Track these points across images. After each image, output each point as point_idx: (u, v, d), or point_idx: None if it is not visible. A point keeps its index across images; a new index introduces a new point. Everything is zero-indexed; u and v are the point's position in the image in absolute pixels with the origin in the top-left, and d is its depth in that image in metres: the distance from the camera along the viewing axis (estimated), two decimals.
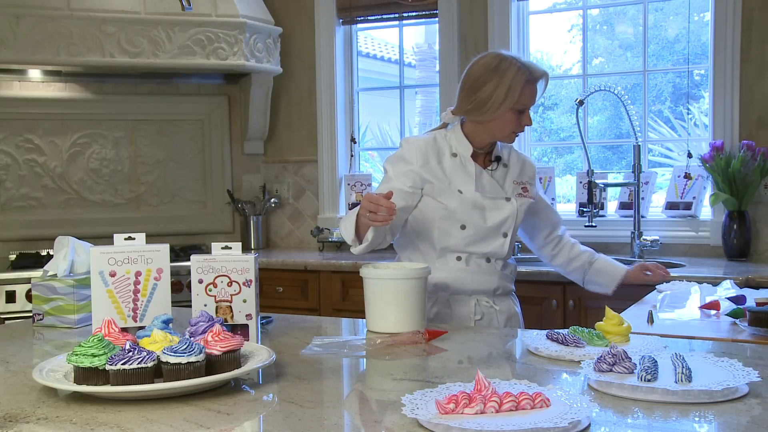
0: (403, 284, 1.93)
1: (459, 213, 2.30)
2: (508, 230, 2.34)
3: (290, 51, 4.46)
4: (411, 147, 2.34)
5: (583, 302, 3.13)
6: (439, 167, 2.32)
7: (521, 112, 2.28)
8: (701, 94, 3.86)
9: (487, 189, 2.34)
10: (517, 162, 2.43)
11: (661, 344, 1.63)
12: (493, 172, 2.37)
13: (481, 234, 2.32)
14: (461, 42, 4.02)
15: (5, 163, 4.06)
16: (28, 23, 3.67)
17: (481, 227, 2.31)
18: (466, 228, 2.31)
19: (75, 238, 2.21)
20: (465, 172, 2.33)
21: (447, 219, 2.31)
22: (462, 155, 2.35)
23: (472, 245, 2.32)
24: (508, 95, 2.25)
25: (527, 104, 2.28)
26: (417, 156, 2.32)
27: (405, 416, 1.18)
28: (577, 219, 3.73)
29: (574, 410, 1.17)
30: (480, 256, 2.33)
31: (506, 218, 2.33)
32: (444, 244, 2.32)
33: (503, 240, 2.34)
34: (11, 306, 3.48)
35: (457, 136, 2.36)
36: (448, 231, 2.31)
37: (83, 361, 1.37)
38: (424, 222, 2.35)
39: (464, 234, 2.31)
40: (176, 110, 4.38)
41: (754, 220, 3.43)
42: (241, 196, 4.50)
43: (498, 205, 2.34)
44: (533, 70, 2.27)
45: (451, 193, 2.30)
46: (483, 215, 2.32)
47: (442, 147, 2.36)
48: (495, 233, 2.33)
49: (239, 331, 1.71)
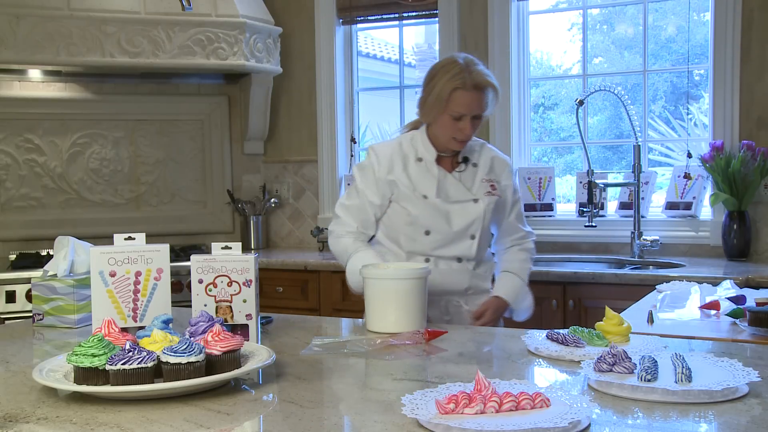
0: (403, 284, 1.93)
1: (422, 219, 2.31)
2: (476, 232, 2.34)
3: (290, 51, 4.46)
4: (377, 155, 2.37)
5: (583, 302, 3.13)
6: (404, 173, 2.34)
7: (458, 119, 2.26)
8: (701, 93, 3.86)
9: (451, 193, 2.33)
10: (487, 159, 2.41)
11: (661, 344, 1.63)
12: (461, 173, 2.37)
13: (447, 238, 2.33)
14: (461, 42, 4.02)
15: (5, 163, 4.06)
16: (28, 23, 3.67)
17: (447, 232, 2.32)
18: (430, 233, 2.32)
19: (75, 238, 2.21)
20: (430, 176, 2.34)
21: (411, 225, 2.33)
22: (427, 159, 2.35)
23: (438, 249, 2.33)
24: (437, 101, 2.26)
25: (461, 112, 2.25)
26: (383, 164, 2.34)
27: (405, 416, 1.18)
28: (577, 219, 3.74)
29: (574, 410, 1.17)
30: (449, 258, 2.33)
31: (473, 221, 2.33)
32: (410, 248, 2.35)
33: (471, 242, 2.34)
34: (11, 306, 3.48)
35: (422, 140, 2.37)
36: (413, 237, 2.33)
37: (83, 361, 1.37)
38: (391, 227, 2.39)
39: (429, 239, 2.33)
40: (176, 110, 4.38)
41: (754, 220, 3.43)
42: (241, 196, 4.50)
43: (464, 208, 2.33)
44: (469, 80, 2.24)
45: (416, 199, 2.31)
46: (448, 220, 2.32)
47: (408, 152, 2.37)
48: (462, 236, 2.34)
49: (239, 331, 1.71)
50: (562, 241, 3.81)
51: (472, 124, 2.28)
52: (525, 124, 4.02)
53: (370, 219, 2.39)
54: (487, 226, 2.38)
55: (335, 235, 2.42)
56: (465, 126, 2.26)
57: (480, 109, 2.27)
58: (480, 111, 2.28)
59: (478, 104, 2.26)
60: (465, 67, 2.26)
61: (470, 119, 2.26)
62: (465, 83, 2.24)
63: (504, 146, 3.94)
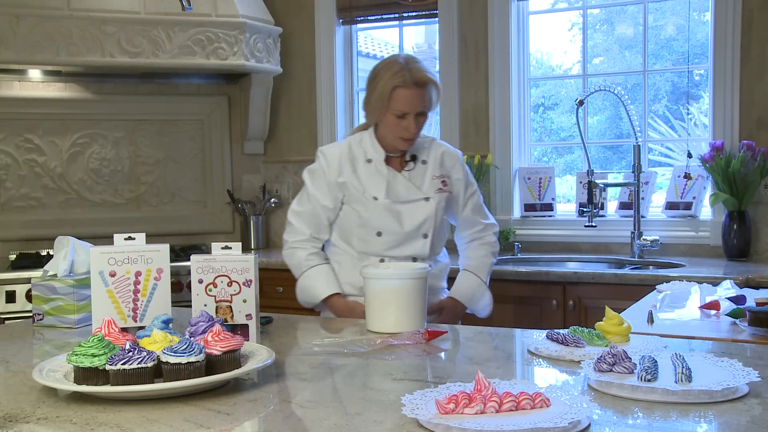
0: (403, 284, 1.93)
1: (373, 220, 2.32)
2: (428, 231, 2.34)
3: (290, 51, 4.46)
4: (326, 158, 2.38)
5: (583, 302, 3.13)
6: (354, 175, 2.34)
7: (401, 117, 2.26)
8: (701, 93, 3.86)
9: (401, 193, 2.33)
10: (437, 155, 2.41)
11: (661, 344, 1.63)
12: (410, 172, 2.36)
13: (399, 239, 2.33)
14: (461, 42, 4.02)
15: (5, 163, 4.06)
16: (28, 23, 3.67)
17: (398, 232, 2.32)
18: (382, 234, 2.33)
19: (75, 238, 2.21)
20: (379, 177, 2.34)
21: (363, 227, 2.33)
22: (376, 160, 2.36)
23: (391, 250, 2.33)
24: (379, 100, 2.28)
25: (403, 110, 2.26)
26: (333, 166, 2.36)
27: (405, 416, 1.18)
28: (577, 219, 3.74)
29: (574, 410, 1.17)
30: (402, 258, 2.33)
31: (424, 220, 2.33)
32: (363, 249, 2.36)
33: (424, 241, 2.35)
34: (11, 306, 3.48)
35: (371, 141, 2.38)
36: (365, 238, 2.34)
37: (83, 361, 1.37)
38: (344, 229, 2.40)
39: (381, 240, 2.33)
40: (176, 110, 4.38)
41: (754, 220, 3.43)
42: (241, 196, 4.50)
43: (415, 207, 2.33)
44: (409, 77, 2.25)
45: (366, 201, 2.32)
46: (399, 220, 2.32)
47: (357, 154, 2.37)
48: (414, 236, 2.34)
49: (239, 331, 1.71)
50: (562, 241, 3.81)
51: (417, 122, 2.28)
52: (525, 124, 4.02)
53: (323, 223, 2.40)
54: (439, 224, 2.38)
55: (288, 245, 2.44)
56: (409, 124, 2.27)
57: (422, 106, 2.28)
58: (423, 108, 2.28)
59: (419, 101, 2.27)
60: (405, 65, 2.27)
61: (414, 117, 2.27)
62: (405, 81, 2.25)
63: (504, 146, 3.94)
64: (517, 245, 3.76)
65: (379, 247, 2.33)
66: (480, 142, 3.99)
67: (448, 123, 4.03)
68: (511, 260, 3.65)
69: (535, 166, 4.02)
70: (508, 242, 3.80)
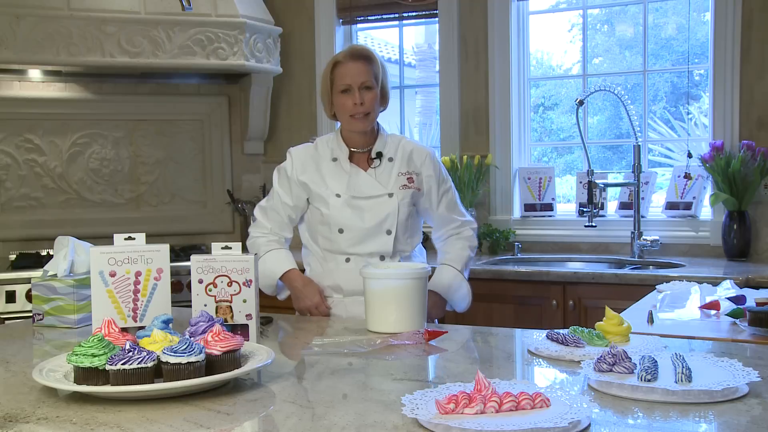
0: (403, 284, 1.93)
1: (334, 217, 2.33)
2: (391, 227, 2.34)
3: (290, 51, 4.46)
4: (291, 157, 2.43)
5: (583, 302, 3.13)
6: (317, 173, 2.38)
7: (347, 92, 2.30)
8: (701, 93, 3.86)
9: (363, 189, 2.34)
10: (404, 153, 2.42)
11: (661, 344, 1.63)
12: (375, 169, 2.38)
13: (361, 235, 2.34)
14: (461, 42, 4.02)
15: (5, 163, 4.06)
16: (28, 23, 3.67)
17: (360, 228, 2.33)
18: (344, 231, 2.34)
19: (75, 238, 2.21)
20: (342, 174, 2.36)
21: (325, 224, 2.36)
22: (341, 158, 2.38)
23: (354, 247, 2.34)
24: (325, 84, 2.35)
25: (345, 82, 2.30)
26: (296, 166, 2.40)
27: (405, 416, 1.18)
28: (577, 219, 3.74)
29: (574, 410, 1.17)
30: (368, 255, 2.33)
31: (386, 216, 2.33)
32: (327, 247, 2.38)
33: (388, 237, 2.34)
34: (11, 306, 3.48)
35: (337, 139, 2.42)
36: (328, 236, 2.36)
37: (83, 361, 1.37)
38: (310, 228, 2.44)
39: (344, 237, 2.34)
40: (176, 110, 4.37)
41: (754, 220, 3.43)
42: (241, 196, 4.50)
43: (378, 203, 2.34)
44: (345, 53, 2.34)
45: (327, 198, 2.34)
46: (361, 216, 2.33)
47: (323, 153, 2.41)
48: (377, 232, 2.34)
49: (239, 331, 1.71)
50: (562, 241, 3.81)
51: (363, 96, 2.30)
52: (525, 124, 4.03)
53: (284, 220, 2.44)
54: (404, 221, 2.36)
55: (251, 237, 2.49)
56: (355, 97, 2.29)
57: (365, 77, 2.31)
58: (366, 79, 2.31)
59: (359, 72, 2.30)
60: (343, 49, 2.39)
61: (359, 91, 2.29)
62: (341, 57, 2.34)
63: (504, 146, 3.94)
64: (517, 245, 3.76)
65: (342, 245, 2.34)
66: (480, 142, 3.99)
67: (448, 123, 4.03)
68: (511, 260, 3.65)
69: (535, 166, 4.02)
70: (508, 242, 3.80)
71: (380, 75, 2.34)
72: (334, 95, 2.33)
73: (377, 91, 2.33)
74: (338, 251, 2.36)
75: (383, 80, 2.37)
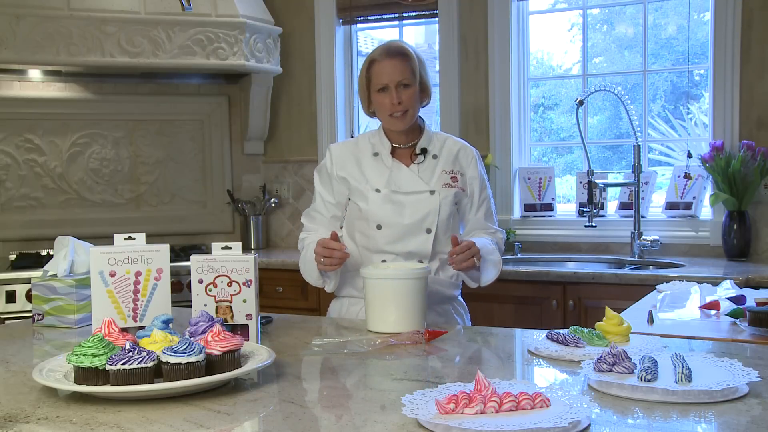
0: (403, 284, 1.93)
1: (373, 212, 2.27)
2: (432, 225, 2.26)
3: (290, 51, 4.46)
4: (332, 154, 2.39)
5: (583, 302, 3.13)
6: (357, 169, 2.33)
7: (384, 91, 2.26)
8: (701, 93, 3.86)
9: (404, 185, 2.28)
10: (450, 151, 2.36)
11: (661, 344, 1.63)
12: (419, 165, 2.33)
13: (400, 232, 2.26)
14: (461, 42, 4.02)
15: (5, 163, 4.06)
16: (28, 23, 3.67)
17: (399, 225, 2.26)
18: (382, 228, 2.27)
19: (75, 238, 2.21)
20: (383, 169, 2.32)
21: (363, 220, 2.30)
22: (382, 153, 2.34)
23: (392, 245, 2.26)
24: (363, 84, 2.33)
25: (381, 82, 2.26)
26: (335, 161, 2.36)
27: (405, 416, 1.18)
28: (577, 219, 3.74)
29: (574, 410, 1.17)
30: (405, 256, 2.25)
31: (427, 213, 2.26)
32: (364, 244, 2.30)
33: (427, 236, 2.26)
34: (11, 306, 3.48)
35: (379, 135, 2.38)
36: (366, 232, 2.29)
37: (83, 361, 1.37)
38: (349, 225, 2.37)
39: (381, 234, 2.27)
40: (176, 110, 4.38)
41: (754, 220, 3.43)
42: (241, 196, 4.50)
43: (419, 199, 2.27)
44: (381, 50, 2.30)
45: (367, 193, 2.29)
46: (400, 212, 2.26)
47: (364, 149, 2.37)
48: (416, 230, 2.26)
49: (239, 331, 1.71)
50: (562, 241, 3.81)
51: (401, 94, 2.24)
52: (525, 124, 4.03)
53: (329, 219, 2.38)
54: (444, 220, 2.28)
55: (299, 241, 2.39)
56: (392, 96, 2.25)
57: (402, 75, 2.26)
58: (403, 77, 2.26)
59: (395, 70, 2.26)
60: (380, 45, 2.35)
61: (396, 89, 2.25)
62: (377, 54, 2.30)
63: (504, 146, 3.94)
64: (517, 245, 3.76)
65: (380, 242, 2.26)
66: (480, 142, 3.98)
67: (448, 123, 4.03)
68: (511, 260, 3.65)
69: (535, 166, 4.02)
70: (508, 242, 3.80)
71: (418, 70, 2.30)
72: (372, 94, 2.30)
73: (416, 87, 2.28)
74: (375, 249, 2.27)
75: (422, 74, 2.32)
